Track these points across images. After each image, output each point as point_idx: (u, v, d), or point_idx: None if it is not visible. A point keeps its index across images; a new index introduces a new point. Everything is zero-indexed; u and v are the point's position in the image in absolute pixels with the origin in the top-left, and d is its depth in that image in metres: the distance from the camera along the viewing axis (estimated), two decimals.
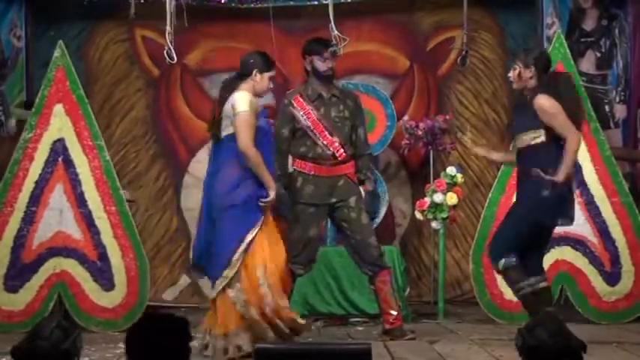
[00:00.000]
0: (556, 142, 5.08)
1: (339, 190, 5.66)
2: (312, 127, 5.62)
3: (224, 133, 5.10)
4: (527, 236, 5.21)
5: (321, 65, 5.64)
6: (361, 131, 5.79)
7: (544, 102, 5.05)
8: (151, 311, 2.87)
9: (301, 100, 5.66)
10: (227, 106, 5.07)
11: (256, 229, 4.99)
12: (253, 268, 4.98)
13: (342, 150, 5.63)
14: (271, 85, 5.23)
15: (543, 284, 5.25)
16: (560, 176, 4.99)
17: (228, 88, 5.18)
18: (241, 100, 5.00)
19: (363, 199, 5.71)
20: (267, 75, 5.16)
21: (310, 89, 5.68)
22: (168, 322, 2.71)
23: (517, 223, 5.19)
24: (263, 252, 5.00)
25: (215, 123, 5.16)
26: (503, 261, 5.17)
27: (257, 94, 5.19)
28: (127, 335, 2.69)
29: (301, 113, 5.63)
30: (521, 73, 5.16)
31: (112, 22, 7.67)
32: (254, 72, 5.14)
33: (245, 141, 4.94)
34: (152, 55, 7.62)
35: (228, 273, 4.97)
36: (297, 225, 5.59)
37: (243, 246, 4.96)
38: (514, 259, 5.19)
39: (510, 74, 5.25)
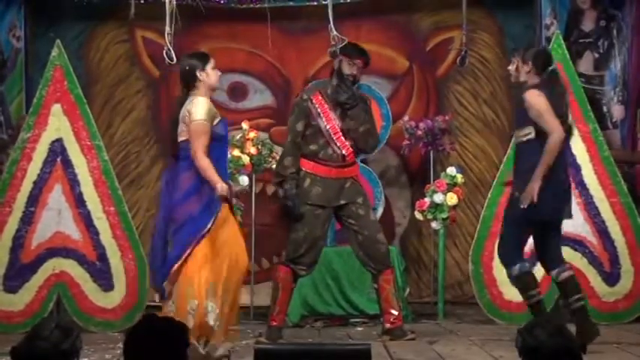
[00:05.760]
0: (543, 138, 5.09)
1: (347, 192, 5.69)
2: (327, 127, 5.65)
3: (180, 139, 5.07)
4: (530, 234, 5.26)
5: (347, 68, 5.70)
6: (373, 129, 5.88)
7: (530, 97, 5.09)
8: (149, 314, 2.84)
9: (321, 98, 5.69)
10: (183, 111, 5.04)
11: (197, 241, 4.91)
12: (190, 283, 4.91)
13: (352, 153, 5.69)
14: (219, 73, 5.16)
15: (566, 274, 5.27)
16: (537, 175, 5.02)
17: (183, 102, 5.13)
18: (198, 108, 4.98)
19: (369, 199, 5.76)
20: (208, 67, 5.09)
21: (330, 89, 5.71)
22: (166, 326, 2.70)
23: (518, 223, 5.19)
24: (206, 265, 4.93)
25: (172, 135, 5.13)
26: (517, 267, 5.20)
27: (213, 89, 5.16)
28: (125, 338, 2.69)
29: (319, 111, 5.66)
30: (518, 68, 5.21)
31: (112, 23, 7.67)
32: (197, 74, 5.07)
33: (195, 148, 4.93)
34: (152, 56, 7.62)
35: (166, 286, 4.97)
36: (303, 226, 5.60)
37: (180, 261, 4.91)
38: (527, 265, 5.25)
39: (510, 67, 5.33)
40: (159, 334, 2.66)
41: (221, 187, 4.85)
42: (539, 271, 5.55)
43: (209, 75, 5.08)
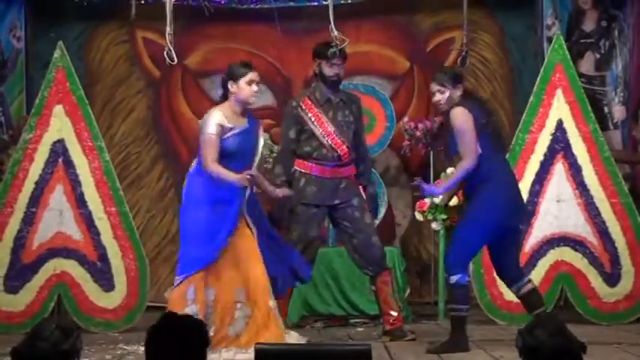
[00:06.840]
0: (485, 151, 5.07)
1: (342, 191, 5.68)
2: (320, 130, 5.65)
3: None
4: (487, 241, 5.25)
5: (328, 70, 5.67)
6: (363, 136, 5.89)
7: (460, 115, 5.04)
8: (169, 312, 2.86)
9: (310, 102, 5.68)
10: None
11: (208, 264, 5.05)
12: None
13: (347, 153, 5.68)
14: (255, 88, 5.11)
15: (527, 287, 5.26)
16: (440, 189, 5.38)
17: None
18: (208, 121, 5.01)
19: (364, 201, 5.73)
20: (241, 81, 5.06)
21: (318, 92, 5.71)
22: (187, 325, 2.71)
23: (475, 230, 5.14)
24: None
25: None
26: (457, 277, 5.13)
27: (244, 103, 5.11)
28: (147, 337, 2.69)
29: (309, 115, 5.65)
30: (451, 95, 5.14)
31: (112, 24, 7.68)
32: (229, 85, 5.08)
33: (206, 161, 4.98)
34: (153, 57, 7.63)
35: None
36: (298, 225, 5.60)
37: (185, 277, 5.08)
38: (467, 279, 5.21)
39: (439, 97, 5.18)
40: (180, 333, 2.67)
41: (239, 179, 4.89)
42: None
43: (239, 88, 5.06)
